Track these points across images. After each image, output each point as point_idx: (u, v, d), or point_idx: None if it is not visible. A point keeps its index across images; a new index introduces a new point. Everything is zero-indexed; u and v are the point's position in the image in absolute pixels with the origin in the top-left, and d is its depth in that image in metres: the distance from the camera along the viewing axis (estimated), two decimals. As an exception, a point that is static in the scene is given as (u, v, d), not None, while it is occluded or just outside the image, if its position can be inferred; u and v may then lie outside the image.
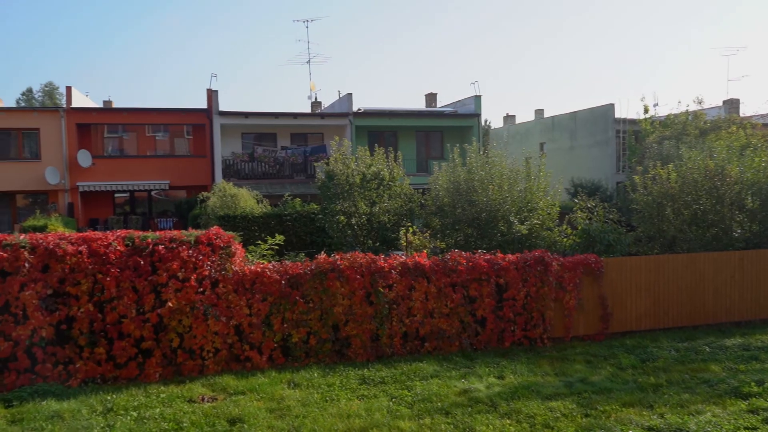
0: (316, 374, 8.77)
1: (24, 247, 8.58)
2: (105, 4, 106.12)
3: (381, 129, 30.97)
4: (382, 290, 9.90)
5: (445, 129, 32.46)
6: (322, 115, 30.84)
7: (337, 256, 10.06)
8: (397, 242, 17.09)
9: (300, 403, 7.63)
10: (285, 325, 9.51)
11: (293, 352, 9.54)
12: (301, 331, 9.52)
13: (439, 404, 7.63)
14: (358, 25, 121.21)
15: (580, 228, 14.72)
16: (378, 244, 17.06)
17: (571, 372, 9.16)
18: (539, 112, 42.43)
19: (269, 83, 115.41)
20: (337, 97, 33.15)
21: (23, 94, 62.34)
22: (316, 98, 36.33)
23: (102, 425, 6.90)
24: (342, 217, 17.10)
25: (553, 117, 37.53)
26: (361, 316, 9.79)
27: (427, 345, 10.22)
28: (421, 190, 19.18)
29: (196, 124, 29.43)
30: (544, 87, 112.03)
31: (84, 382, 8.57)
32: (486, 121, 59.37)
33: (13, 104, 45.82)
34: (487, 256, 10.92)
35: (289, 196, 21.85)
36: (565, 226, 15.79)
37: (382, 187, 17.56)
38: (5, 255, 8.44)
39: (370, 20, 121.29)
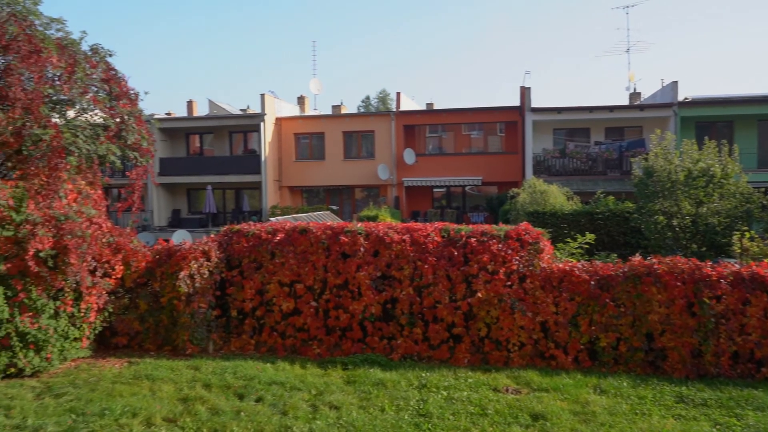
0: (625, 383, 8.25)
1: (360, 233, 9.95)
2: (431, 19, 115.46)
3: (712, 119, 27.39)
4: (707, 301, 8.79)
5: (799, 117, 27.15)
6: (642, 107, 28.62)
7: (654, 260, 9.26)
8: (729, 248, 14.95)
9: (606, 410, 7.27)
10: (593, 328, 9.15)
11: (601, 357, 9.12)
12: (610, 336, 9.05)
13: (778, 441, 6.47)
14: (684, 7, 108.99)
15: None
16: (704, 249, 15.19)
17: None
18: None
19: (582, 77, 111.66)
20: (660, 87, 30.39)
21: (362, 101, 72.08)
22: (634, 89, 33.89)
23: (417, 398, 7.62)
24: (661, 218, 15.68)
25: None
26: (680, 327, 8.85)
27: (764, 370, 8.73)
28: (763, 189, 16.42)
29: (509, 121, 30.13)
30: None
31: (403, 357, 9.56)
32: None
33: (354, 110, 53.17)
34: None
35: (601, 193, 20.90)
36: None
37: (711, 185, 15.57)
38: (347, 240, 9.91)
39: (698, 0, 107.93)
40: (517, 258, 9.45)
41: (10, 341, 8.69)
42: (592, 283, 9.19)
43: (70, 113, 10.85)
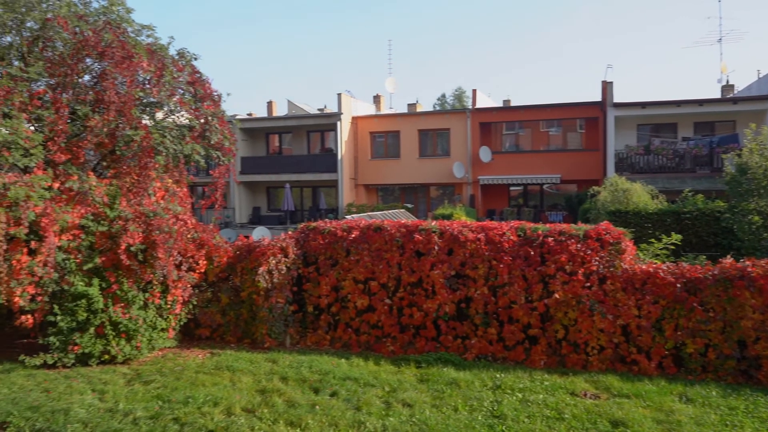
0: (714, 392, 7.80)
1: (435, 232, 9.92)
2: (503, 16, 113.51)
3: (818, 112, 25.37)
4: (808, 308, 8.17)
5: None
6: (735, 100, 26.92)
7: (747, 262, 8.70)
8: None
9: (693, 420, 6.91)
10: (678, 333, 8.71)
11: (687, 364, 8.67)
12: (697, 342, 8.59)
13: None
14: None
15: None
16: (804, 251, 14.13)
17: None
18: None
19: (668, 70, 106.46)
20: (756, 78, 28.50)
21: (438, 99, 71.80)
22: (727, 81, 31.92)
23: (491, 399, 7.52)
24: (756, 218, 14.71)
25: None
26: (776, 334, 8.28)
27: None
28: None
29: (589, 117, 29.15)
30: None
31: (477, 357, 9.46)
32: None
33: (430, 108, 53.04)
34: None
35: (689, 191, 19.84)
36: None
37: (813, 183, 14.44)
38: (420, 238, 9.90)
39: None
40: (597, 258, 9.14)
41: (105, 330, 9.26)
42: (678, 285, 8.75)
43: (159, 115, 11.43)
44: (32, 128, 10.19)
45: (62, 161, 9.68)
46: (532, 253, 9.41)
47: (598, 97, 28.23)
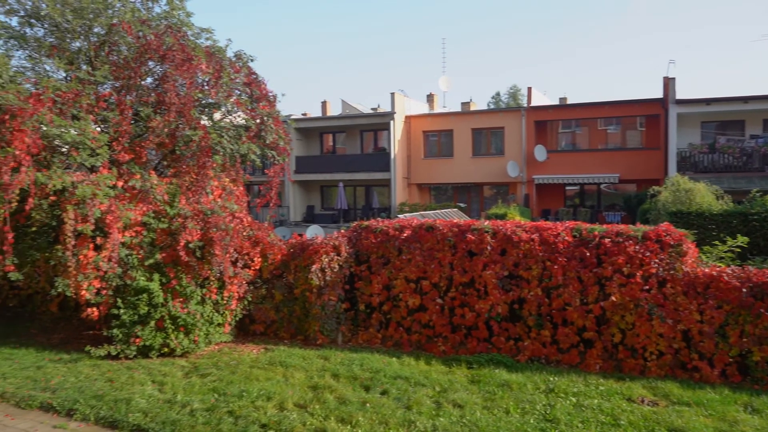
0: (782, 403, 7.42)
1: (487, 231, 9.82)
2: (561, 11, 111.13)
3: None
4: None
5: None
6: (809, 96, 25.53)
7: (820, 267, 8.25)
8: None
9: (758, 431, 6.60)
10: (744, 340, 8.32)
11: (753, 372, 8.28)
12: (765, 350, 8.18)
13: None
14: None
15: None
16: None
17: None
18: None
19: (734, 66, 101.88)
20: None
21: (492, 97, 71.01)
22: (800, 76, 30.32)
23: (544, 403, 7.39)
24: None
25: None
26: None
27: None
28: None
29: (650, 115, 28.22)
30: None
31: (530, 359, 9.30)
32: None
33: (484, 107, 52.54)
34: None
35: (757, 191, 18.96)
36: None
37: None
38: (473, 238, 9.82)
39: None
40: (657, 261, 8.84)
41: (164, 324, 9.59)
42: (744, 290, 8.36)
43: (217, 115, 11.74)
44: (98, 129, 10.64)
45: (126, 161, 10.06)
46: (588, 254, 9.19)
47: (659, 94, 27.31)
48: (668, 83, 25.87)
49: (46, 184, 8.93)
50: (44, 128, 9.20)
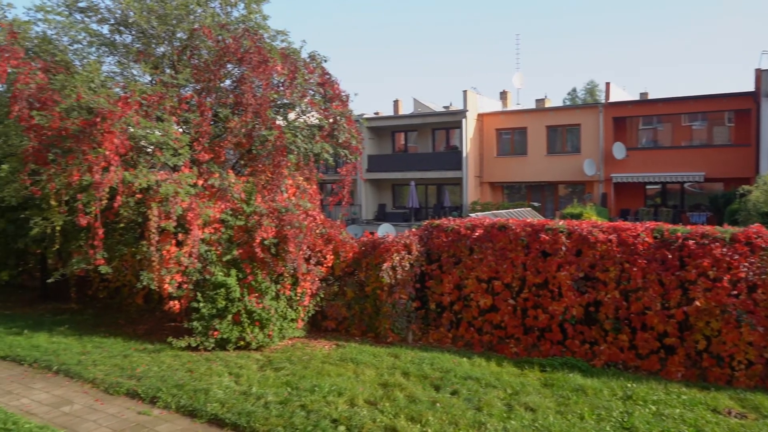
0: None
1: (562, 232, 9.56)
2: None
3: None
4: None
5: None
6: None
7: None
8: None
9: None
10: None
11: None
12: None
13: None
14: None
15: None
16: None
17: None
18: None
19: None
20: None
21: (568, 93, 69.02)
22: None
23: (621, 410, 7.11)
24: None
25: None
26: None
27: None
28: None
29: (739, 109, 26.61)
30: None
31: (606, 364, 8.99)
32: None
33: (559, 103, 51.26)
34: None
35: None
36: None
37: None
38: (547, 237, 9.59)
39: None
40: (746, 264, 8.32)
41: (241, 318, 9.91)
42: None
43: (291, 115, 12.02)
44: (180, 130, 11.12)
45: (206, 160, 10.47)
46: (670, 256, 8.77)
47: (751, 87, 25.71)
48: (760, 75, 24.30)
49: (133, 182, 9.43)
50: (131, 130, 9.70)
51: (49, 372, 9.24)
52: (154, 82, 11.11)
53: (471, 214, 19.57)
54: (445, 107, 38.91)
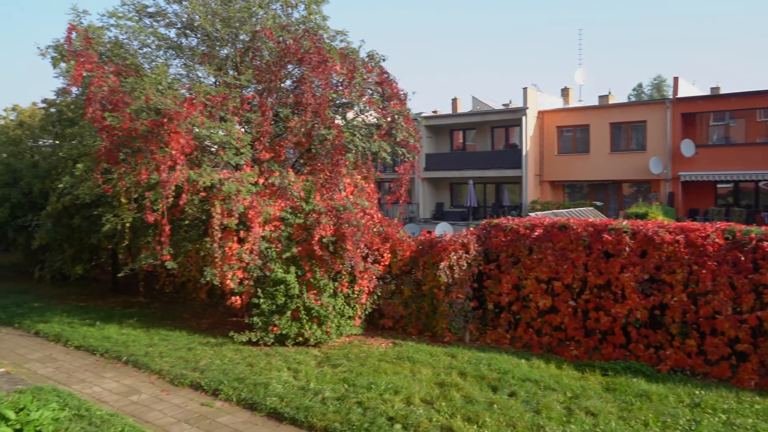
0: None
1: (626, 232, 9.26)
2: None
3: None
4: None
5: None
6: None
7: None
8: None
9: None
10: None
11: None
12: None
13: None
14: None
15: None
16: None
17: None
18: None
19: None
20: None
21: (634, 89, 66.79)
22: None
23: (688, 418, 6.83)
24: None
25: None
26: None
27: None
28: None
29: (821, 103, 25.08)
30: None
31: (672, 370, 8.66)
32: None
33: (624, 100, 49.64)
34: None
35: None
36: None
37: None
38: (610, 238, 9.31)
39: None
40: (827, 268, 7.84)
41: (299, 314, 10.08)
42: None
43: (349, 114, 12.13)
44: (242, 130, 11.40)
45: (266, 159, 10.70)
46: (743, 258, 8.36)
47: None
48: None
49: (198, 181, 9.74)
50: (196, 130, 10.02)
51: (119, 362, 9.67)
52: (217, 83, 11.44)
53: (530, 214, 19.22)
54: (504, 105, 38.36)
